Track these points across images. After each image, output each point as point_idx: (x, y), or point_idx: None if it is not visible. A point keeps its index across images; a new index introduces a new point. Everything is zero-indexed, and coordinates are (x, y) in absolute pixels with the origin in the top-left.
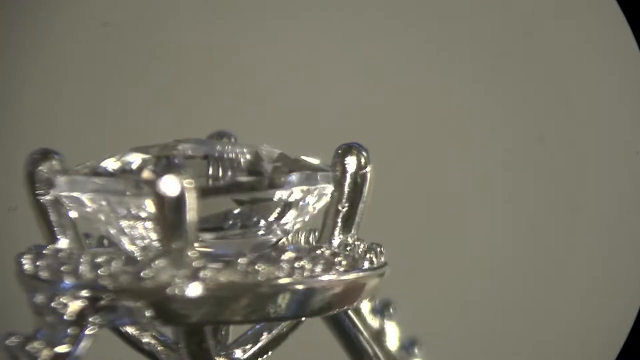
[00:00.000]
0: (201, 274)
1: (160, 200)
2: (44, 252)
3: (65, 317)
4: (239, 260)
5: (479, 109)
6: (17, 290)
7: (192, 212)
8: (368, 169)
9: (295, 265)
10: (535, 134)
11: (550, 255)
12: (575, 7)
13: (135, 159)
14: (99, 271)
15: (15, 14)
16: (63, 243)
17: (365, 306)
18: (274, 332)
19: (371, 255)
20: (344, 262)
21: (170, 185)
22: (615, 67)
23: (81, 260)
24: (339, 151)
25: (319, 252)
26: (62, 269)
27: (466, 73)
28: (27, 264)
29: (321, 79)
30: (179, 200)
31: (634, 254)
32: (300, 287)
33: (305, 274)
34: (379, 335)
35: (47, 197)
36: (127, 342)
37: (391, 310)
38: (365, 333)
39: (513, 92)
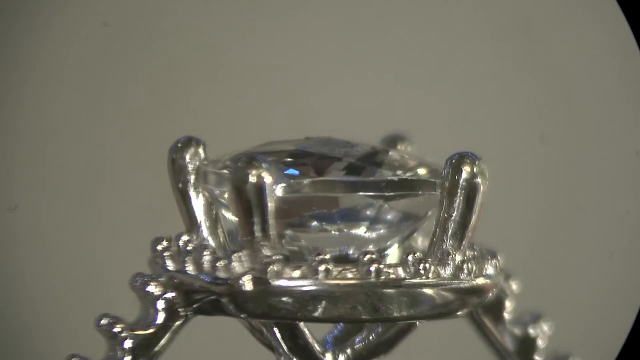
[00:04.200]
0: (269, 268)
1: (236, 191)
2: (165, 241)
3: (157, 303)
4: (314, 258)
5: (478, 109)
6: (17, 290)
7: (267, 206)
8: (480, 178)
9: (408, 265)
10: (536, 133)
11: (549, 255)
12: (575, 7)
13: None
14: (185, 258)
15: (15, 14)
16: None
17: (505, 317)
18: (386, 335)
19: (484, 264)
20: (453, 269)
21: (244, 176)
22: (615, 67)
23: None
24: (453, 160)
25: (431, 257)
26: (164, 254)
27: (465, 72)
28: (157, 250)
29: (315, 78)
30: (253, 193)
31: (634, 254)
32: (402, 290)
33: (411, 278)
34: (520, 349)
35: (188, 185)
36: (252, 332)
37: (537, 324)
38: (498, 344)
39: (513, 91)
